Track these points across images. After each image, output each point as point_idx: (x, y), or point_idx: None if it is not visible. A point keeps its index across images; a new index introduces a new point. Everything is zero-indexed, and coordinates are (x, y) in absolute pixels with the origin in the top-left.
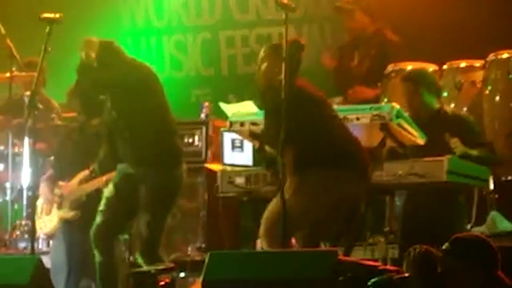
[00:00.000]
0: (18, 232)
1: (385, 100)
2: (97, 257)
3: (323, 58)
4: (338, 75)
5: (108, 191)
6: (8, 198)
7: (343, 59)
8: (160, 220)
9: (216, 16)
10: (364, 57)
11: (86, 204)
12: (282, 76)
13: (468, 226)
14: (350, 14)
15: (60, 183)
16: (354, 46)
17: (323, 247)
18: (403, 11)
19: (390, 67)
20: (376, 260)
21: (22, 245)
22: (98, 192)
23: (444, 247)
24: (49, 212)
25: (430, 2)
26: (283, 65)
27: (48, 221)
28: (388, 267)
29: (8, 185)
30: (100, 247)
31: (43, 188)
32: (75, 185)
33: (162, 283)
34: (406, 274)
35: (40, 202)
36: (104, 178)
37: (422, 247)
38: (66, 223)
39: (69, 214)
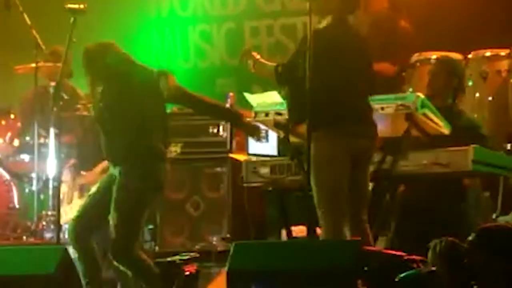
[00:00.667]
0: (44, 222)
1: (410, 89)
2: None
3: None
4: None
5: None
6: (34, 188)
7: None
8: (128, 221)
9: (240, 6)
10: (373, 44)
11: None
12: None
13: (494, 216)
14: None
15: (82, 172)
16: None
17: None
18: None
19: (415, 57)
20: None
21: (48, 235)
22: None
23: (470, 238)
24: (70, 201)
25: None
26: (307, 55)
27: (69, 210)
28: (413, 257)
29: (34, 175)
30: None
31: (65, 177)
32: (97, 174)
33: (187, 273)
34: (433, 268)
35: (62, 191)
36: None
37: (448, 239)
38: None
39: None
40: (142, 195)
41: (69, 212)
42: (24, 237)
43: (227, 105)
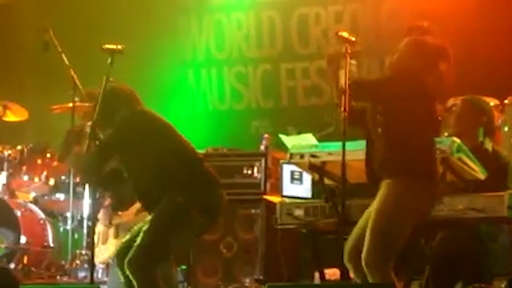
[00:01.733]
0: (77, 261)
1: (446, 134)
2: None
3: None
4: None
5: None
6: (68, 227)
7: None
8: (159, 234)
9: (277, 48)
10: None
11: None
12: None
13: None
14: (423, 36)
15: (119, 212)
16: None
17: None
18: (465, 46)
19: (450, 101)
20: None
21: (81, 274)
22: None
23: (503, 285)
24: (105, 241)
25: (492, 37)
26: (342, 98)
27: (104, 250)
28: None
29: (68, 214)
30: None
31: (102, 216)
32: (133, 214)
33: None
34: None
35: (98, 230)
36: None
37: (481, 285)
38: None
39: None
40: (183, 211)
41: (104, 251)
42: (58, 276)
43: (262, 147)
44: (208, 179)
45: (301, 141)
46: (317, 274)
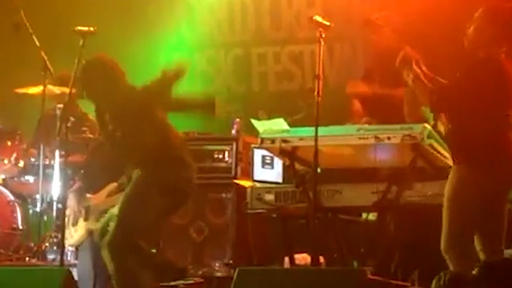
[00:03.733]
0: (47, 244)
1: None
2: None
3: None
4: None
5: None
6: (38, 209)
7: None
8: (137, 210)
9: (248, 33)
10: (386, 73)
11: None
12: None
13: None
14: (379, 29)
15: (88, 195)
16: (377, 63)
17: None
18: (449, 31)
19: None
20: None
21: (50, 256)
22: None
23: (474, 271)
24: (75, 224)
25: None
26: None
27: (73, 232)
28: None
29: (38, 196)
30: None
31: (70, 200)
32: (103, 197)
33: None
34: None
35: (68, 213)
36: None
37: (452, 272)
38: (92, 234)
39: (96, 225)
40: (145, 189)
41: (74, 234)
42: (27, 258)
43: (233, 131)
44: (181, 161)
45: (272, 126)
46: (287, 259)
